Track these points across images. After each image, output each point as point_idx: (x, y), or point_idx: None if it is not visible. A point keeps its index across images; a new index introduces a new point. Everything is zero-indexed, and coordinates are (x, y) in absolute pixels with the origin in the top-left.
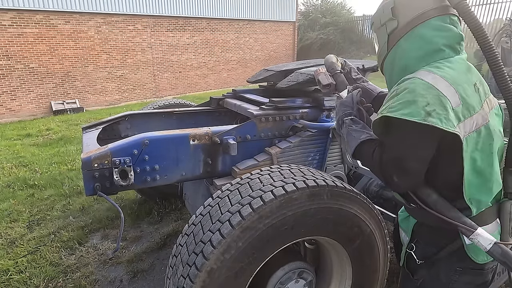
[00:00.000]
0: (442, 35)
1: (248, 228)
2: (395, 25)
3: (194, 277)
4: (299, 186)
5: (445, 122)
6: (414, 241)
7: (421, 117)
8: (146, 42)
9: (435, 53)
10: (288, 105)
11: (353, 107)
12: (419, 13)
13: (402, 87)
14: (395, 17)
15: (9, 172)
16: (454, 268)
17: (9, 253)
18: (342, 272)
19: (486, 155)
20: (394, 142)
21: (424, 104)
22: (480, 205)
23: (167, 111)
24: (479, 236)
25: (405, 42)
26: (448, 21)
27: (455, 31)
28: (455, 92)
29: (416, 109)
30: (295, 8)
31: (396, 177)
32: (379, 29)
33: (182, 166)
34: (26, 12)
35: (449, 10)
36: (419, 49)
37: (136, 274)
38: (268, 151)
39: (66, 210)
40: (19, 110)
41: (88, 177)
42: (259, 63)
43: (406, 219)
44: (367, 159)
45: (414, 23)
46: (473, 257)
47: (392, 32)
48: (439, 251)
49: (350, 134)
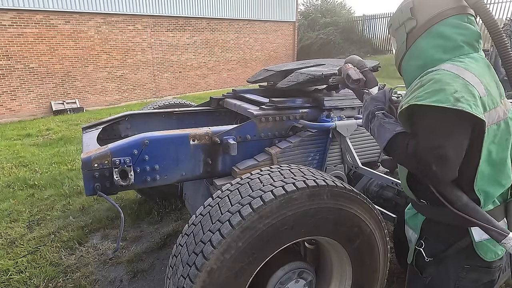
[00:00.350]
0: (461, 33)
1: (248, 228)
2: (414, 24)
3: (194, 277)
4: (299, 186)
5: (474, 108)
6: (423, 238)
7: (450, 102)
8: (146, 42)
9: (455, 50)
10: (288, 105)
11: (385, 103)
12: (438, 12)
13: (427, 78)
14: (413, 17)
15: (9, 172)
16: (462, 265)
17: (9, 253)
18: (342, 272)
19: (502, 148)
20: (428, 131)
21: (453, 91)
22: (487, 197)
23: (167, 111)
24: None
25: (424, 40)
26: (466, 20)
27: (473, 29)
28: (480, 83)
29: (445, 95)
30: (295, 8)
31: (435, 166)
32: (398, 29)
33: (182, 166)
34: (26, 12)
35: (466, 10)
36: (439, 46)
37: (136, 274)
38: (268, 151)
39: (66, 210)
40: (19, 110)
41: (88, 177)
42: (259, 63)
43: (414, 216)
44: (401, 151)
45: (433, 22)
46: (482, 254)
47: (411, 31)
48: (447, 248)
49: (382, 126)
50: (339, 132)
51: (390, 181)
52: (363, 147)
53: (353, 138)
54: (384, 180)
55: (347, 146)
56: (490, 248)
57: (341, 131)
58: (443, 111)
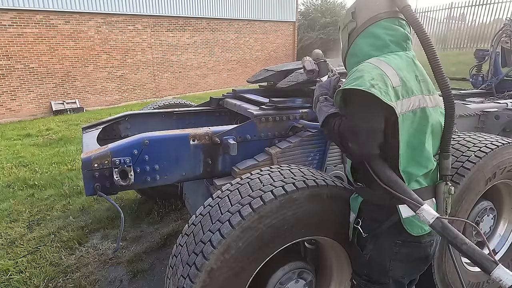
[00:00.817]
0: (390, 33)
1: (248, 228)
2: (354, 26)
3: (194, 277)
4: (299, 186)
5: (384, 95)
6: (360, 218)
7: (366, 86)
8: (146, 42)
9: (383, 47)
10: (288, 105)
11: (329, 89)
12: (373, 15)
13: (355, 69)
14: (354, 19)
15: (9, 172)
16: (394, 241)
17: (9, 253)
18: (342, 272)
19: (419, 133)
20: (349, 113)
21: (370, 78)
22: (410, 177)
23: (167, 111)
24: (423, 211)
25: (360, 39)
26: (396, 23)
27: (401, 31)
28: (396, 74)
29: (363, 81)
30: (295, 8)
31: (351, 143)
32: (343, 30)
33: (182, 166)
34: (26, 12)
35: (398, 14)
36: (371, 44)
37: (136, 274)
38: (268, 151)
39: (66, 210)
40: (19, 110)
41: (88, 177)
42: (259, 63)
43: (355, 198)
44: (330, 130)
45: (368, 23)
46: (409, 229)
47: (351, 32)
48: (380, 225)
49: (321, 109)
50: None
51: None
52: None
53: None
54: None
55: None
56: (416, 223)
57: None
58: (360, 94)
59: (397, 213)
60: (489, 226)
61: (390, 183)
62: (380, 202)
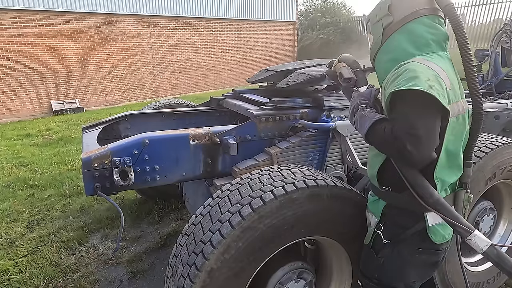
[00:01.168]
0: (431, 32)
1: (248, 228)
2: (390, 20)
3: (194, 277)
4: (299, 186)
5: (442, 98)
6: (382, 222)
7: (425, 87)
8: (146, 42)
9: (424, 47)
10: (288, 105)
11: (370, 99)
12: (413, 10)
13: (402, 69)
14: (390, 13)
15: (9, 172)
16: (415, 248)
17: (9, 253)
18: (342, 272)
19: (457, 140)
20: (403, 113)
21: (426, 79)
22: (443, 185)
23: (167, 111)
24: (476, 237)
25: (398, 35)
26: (436, 20)
27: (442, 30)
28: (446, 77)
29: (420, 81)
30: (295, 8)
31: (409, 145)
32: (375, 24)
33: (182, 166)
34: (26, 12)
35: (438, 11)
36: (411, 41)
37: (136, 274)
38: (268, 151)
39: (66, 210)
40: (19, 110)
41: (88, 177)
42: (259, 63)
43: (376, 202)
44: (379, 136)
45: (408, 19)
46: (433, 237)
47: (387, 26)
48: (404, 232)
49: (364, 116)
50: (339, 132)
51: None
52: (363, 147)
53: (353, 138)
54: None
55: (347, 146)
56: (440, 232)
57: (341, 131)
58: (418, 95)
59: (423, 221)
60: (489, 226)
61: (437, 206)
62: (406, 207)
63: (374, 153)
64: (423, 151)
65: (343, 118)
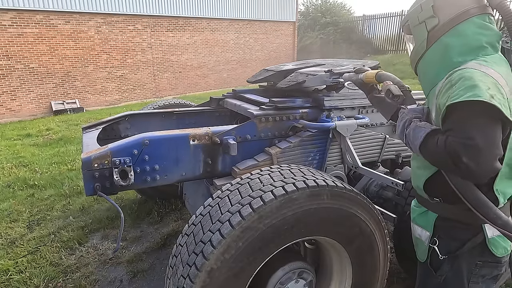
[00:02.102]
0: (484, 33)
1: (248, 228)
2: (436, 22)
3: (194, 277)
4: (299, 186)
5: (504, 108)
6: (436, 236)
7: (486, 97)
8: (146, 42)
9: (478, 50)
10: (288, 105)
11: (423, 115)
12: (462, 11)
13: (456, 77)
14: (435, 15)
15: (9, 172)
16: (475, 261)
17: (9, 253)
18: (342, 272)
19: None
20: (459, 124)
21: (486, 88)
22: (505, 197)
23: (167, 111)
24: None
25: (448, 39)
26: (487, 19)
27: (494, 29)
28: (506, 84)
29: (480, 91)
30: (295, 8)
31: (466, 158)
32: (417, 27)
33: (182, 166)
34: (26, 12)
35: (487, 9)
36: (464, 45)
37: (136, 274)
38: (268, 151)
39: (66, 210)
40: (19, 110)
41: (88, 177)
42: (259, 63)
43: (424, 214)
44: (431, 148)
45: (457, 21)
46: (494, 250)
47: (432, 29)
48: (462, 246)
49: (418, 127)
50: (339, 132)
51: (390, 181)
52: (363, 147)
53: (353, 138)
54: (384, 180)
55: (347, 146)
56: (501, 244)
57: (341, 131)
58: (477, 105)
59: (482, 233)
60: None
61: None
62: (461, 219)
63: (418, 165)
64: (483, 163)
65: (343, 118)
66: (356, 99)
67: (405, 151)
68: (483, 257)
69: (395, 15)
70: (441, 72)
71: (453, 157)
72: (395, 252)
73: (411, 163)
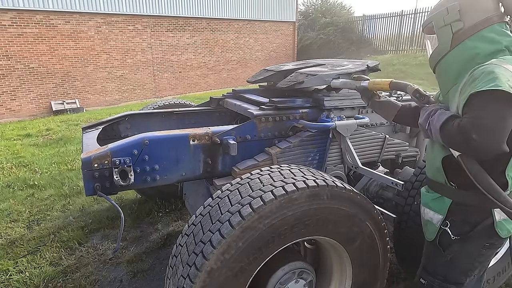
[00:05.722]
0: (504, 39)
1: (248, 228)
2: (461, 26)
3: (194, 277)
4: (299, 186)
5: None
6: (449, 219)
7: (506, 87)
8: (146, 42)
9: (498, 53)
10: (288, 105)
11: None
12: (485, 17)
13: (479, 72)
14: (461, 19)
15: (9, 172)
16: (483, 243)
17: (9, 253)
18: (342, 272)
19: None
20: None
21: (506, 79)
22: None
23: (167, 111)
24: None
25: (472, 42)
26: (504, 27)
27: (510, 35)
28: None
29: (500, 82)
30: (295, 8)
31: (475, 134)
32: (442, 29)
33: (182, 166)
34: (26, 12)
35: (505, 18)
36: (486, 48)
37: (136, 274)
38: (268, 151)
39: (66, 210)
40: (19, 110)
41: (88, 177)
42: (259, 63)
43: (439, 199)
44: (449, 129)
45: (481, 26)
46: (499, 232)
47: (457, 32)
48: (473, 228)
49: (443, 112)
50: (339, 132)
51: (390, 181)
52: (363, 147)
53: (353, 138)
54: (384, 180)
55: (347, 146)
56: (505, 226)
57: (341, 131)
58: (498, 94)
59: (491, 216)
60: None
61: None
62: (476, 204)
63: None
64: (490, 140)
65: (343, 118)
66: (356, 99)
67: (405, 151)
68: (491, 239)
69: (395, 15)
70: (462, 71)
71: (463, 134)
72: (395, 252)
73: (427, 151)
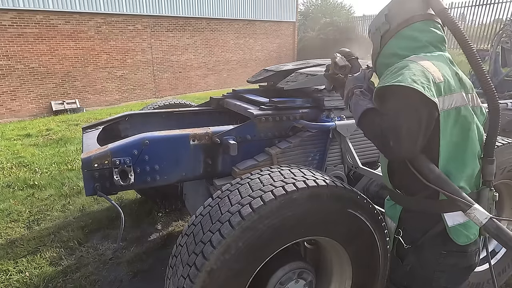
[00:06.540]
0: (426, 35)
1: (248, 228)
2: (387, 28)
3: (194, 277)
4: (299, 186)
5: (427, 90)
6: (401, 227)
7: (408, 82)
8: (146, 42)
9: (419, 49)
10: (288, 105)
11: (364, 82)
12: (406, 18)
13: (393, 67)
14: (387, 22)
15: (9, 172)
16: (439, 251)
17: (9, 253)
18: (342, 272)
19: (463, 131)
20: (390, 110)
21: (411, 74)
22: (450, 177)
23: (167, 111)
24: (476, 211)
25: (394, 41)
26: (431, 25)
27: (437, 33)
28: (437, 70)
29: (404, 77)
30: (295, 8)
31: (392, 142)
32: (374, 33)
33: (182, 166)
34: (26, 12)
35: (433, 17)
36: (406, 46)
37: (136, 274)
38: (268, 151)
39: (66, 210)
40: (19, 110)
41: (88, 177)
42: (259, 63)
43: (393, 206)
44: (370, 125)
45: (402, 26)
46: (455, 238)
47: (384, 34)
48: (423, 235)
49: (357, 103)
50: (339, 132)
51: None
52: (363, 147)
53: (353, 138)
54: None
55: (347, 146)
56: (463, 232)
57: (341, 131)
58: (401, 91)
59: (442, 222)
60: None
61: (440, 182)
62: (422, 210)
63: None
64: (403, 147)
65: (343, 118)
66: None
67: None
68: (447, 246)
69: None
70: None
71: (384, 140)
72: None
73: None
